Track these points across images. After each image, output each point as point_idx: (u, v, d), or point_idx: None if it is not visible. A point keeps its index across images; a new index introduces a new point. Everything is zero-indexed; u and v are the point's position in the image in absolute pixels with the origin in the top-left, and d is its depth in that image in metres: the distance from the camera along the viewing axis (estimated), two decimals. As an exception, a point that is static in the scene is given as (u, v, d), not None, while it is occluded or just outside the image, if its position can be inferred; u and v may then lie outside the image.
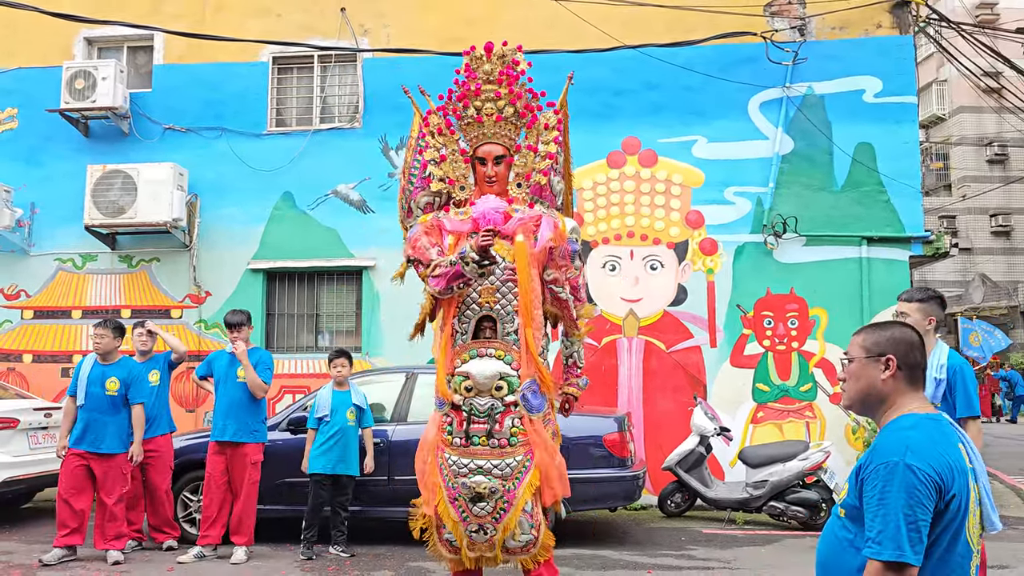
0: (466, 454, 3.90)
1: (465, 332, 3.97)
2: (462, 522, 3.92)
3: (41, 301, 9.93)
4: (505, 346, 3.93)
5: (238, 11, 9.99)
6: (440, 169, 4.19)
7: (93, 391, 6.29)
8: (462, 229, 3.97)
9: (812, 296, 8.93)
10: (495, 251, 3.82)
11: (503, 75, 4.06)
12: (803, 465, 7.60)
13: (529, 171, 4.11)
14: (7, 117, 10.21)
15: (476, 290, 3.93)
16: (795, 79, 9.13)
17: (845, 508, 2.06)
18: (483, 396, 3.88)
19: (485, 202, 3.97)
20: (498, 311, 3.94)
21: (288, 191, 9.70)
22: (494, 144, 4.07)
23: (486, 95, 4.06)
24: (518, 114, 4.10)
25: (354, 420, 6.56)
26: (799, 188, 9.05)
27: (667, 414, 8.87)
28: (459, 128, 4.19)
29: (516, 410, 3.89)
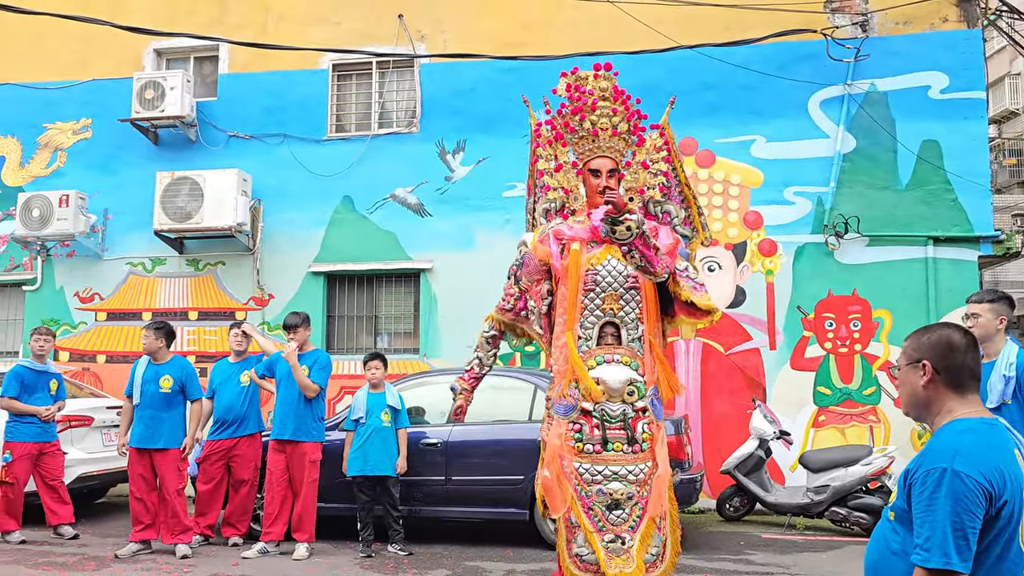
0: (599, 460, 3.88)
1: (589, 338, 3.99)
2: (597, 532, 3.85)
3: (113, 304, 10.32)
4: (631, 352, 3.96)
5: (299, 20, 10.23)
6: (555, 179, 4.35)
7: (148, 389, 6.55)
8: (583, 236, 4.06)
9: (876, 297, 8.73)
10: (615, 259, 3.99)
11: (619, 92, 4.19)
12: (866, 470, 7.44)
13: (641, 187, 4.23)
14: (82, 127, 10.65)
15: (600, 296, 3.98)
16: (857, 76, 8.94)
17: (894, 511, 2.05)
18: (615, 402, 3.88)
19: (602, 212, 3.96)
20: (622, 317, 3.98)
21: (348, 195, 9.89)
22: (607, 158, 4.17)
23: (602, 110, 4.17)
24: (630, 131, 4.22)
25: (389, 421, 6.65)
26: (861, 187, 8.86)
27: (725, 417, 8.77)
28: (570, 141, 4.30)
29: (646, 415, 3.93)
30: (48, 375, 7.21)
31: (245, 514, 6.93)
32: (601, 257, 4.00)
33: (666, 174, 4.27)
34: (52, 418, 7.11)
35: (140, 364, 6.74)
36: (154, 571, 6.03)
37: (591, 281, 3.98)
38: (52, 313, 10.38)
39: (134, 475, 6.57)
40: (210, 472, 6.87)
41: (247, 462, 6.88)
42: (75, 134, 10.67)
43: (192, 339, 9.99)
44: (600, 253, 4.00)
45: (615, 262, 3.95)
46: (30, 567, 6.06)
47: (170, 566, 6.18)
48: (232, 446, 6.87)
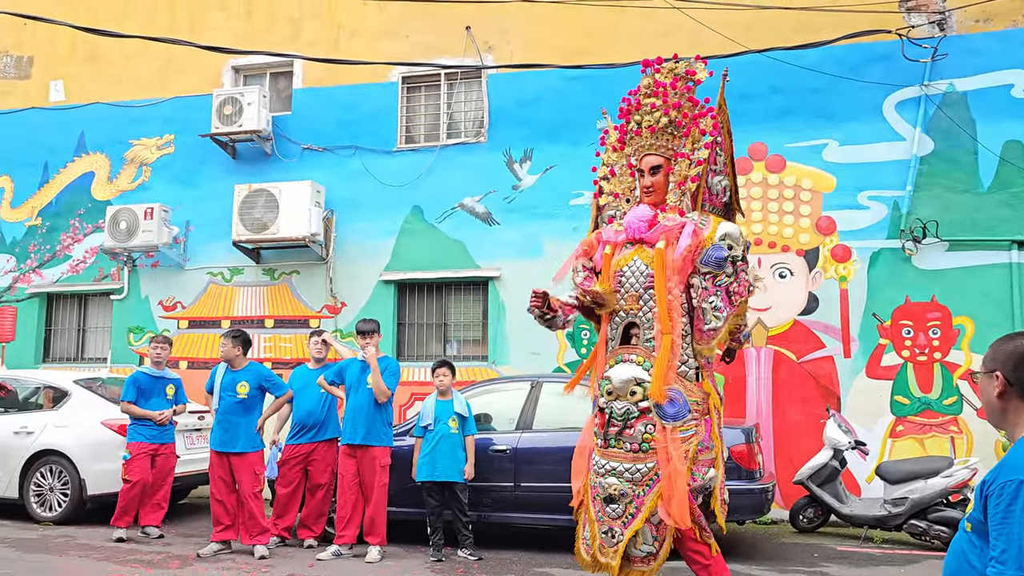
0: (605, 455, 4.01)
1: (614, 338, 4.10)
2: (597, 522, 4.00)
3: (194, 312, 10.72)
4: (645, 352, 3.97)
5: (370, 35, 10.48)
6: (609, 184, 4.41)
7: (226, 396, 6.83)
8: (616, 240, 4.15)
9: (956, 304, 8.45)
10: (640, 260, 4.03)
11: (660, 86, 4.13)
12: (947, 482, 7.20)
13: (681, 180, 4.15)
14: (165, 143, 11.11)
15: (624, 297, 4.05)
16: (934, 76, 8.69)
17: (971, 523, 2.02)
18: (621, 400, 3.94)
19: (634, 212, 4.14)
20: (640, 318, 4.02)
21: (417, 205, 10.07)
22: (651, 155, 4.17)
23: (644, 108, 4.19)
24: (674, 123, 4.13)
25: (457, 428, 6.74)
26: (940, 190, 8.60)
27: (797, 426, 8.60)
28: (629, 143, 4.36)
29: (649, 416, 3.90)
30: (165, 380, 7.58)
31: (321, 517, 7.12)
32: (628, 258, 4.06)
33: (701, 162, 4.10)
34: (166, 421, 7.44)
35: (219, 370, 7.02)
36: (233, 570, 6.25)
37: (617, 283, 4.07)
38: (138, 321, 10.84)
39: (214, 477, 6.84)
40: (289, 476, 7.09)
41: (325, 466, 7.06)
42: (159, 149, 11.13)
43: (268, 346, 10.30)
44: (628, 255, 4.07)
45: (639, 263, 4.00)
46: (118, 563, 6.35)
47: (248, 566, 6.39)
48: (311, 451, 7.07)
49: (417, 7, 9.92)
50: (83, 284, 11.17)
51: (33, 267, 11.34)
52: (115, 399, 8.17)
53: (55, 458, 8.05)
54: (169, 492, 7.62)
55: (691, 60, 4.21)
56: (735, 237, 3.98)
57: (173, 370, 8.16)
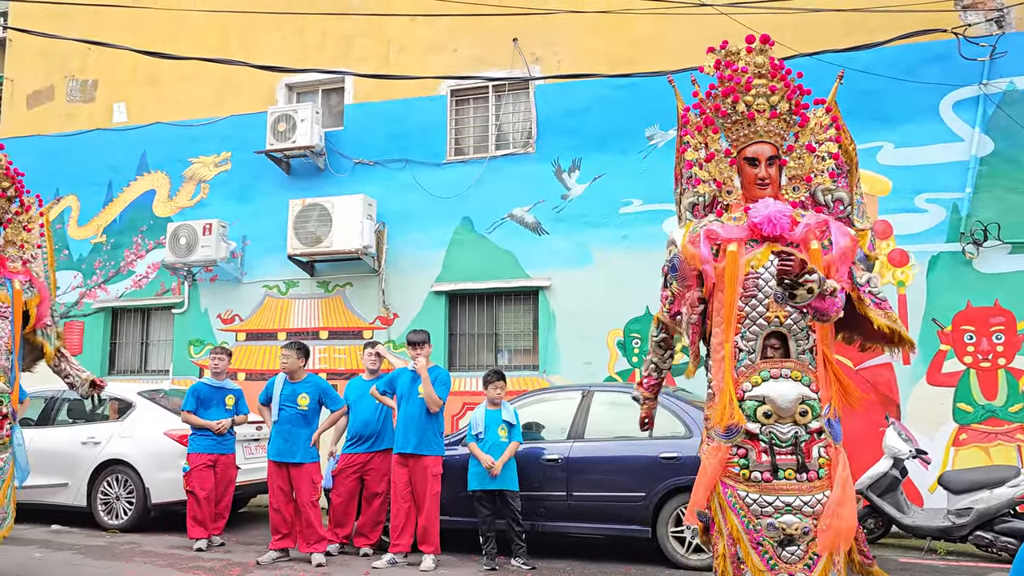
0: (769, 490, 3.40)
1: (752, 351, 3.49)
2: (769, 571, 3.42)
3: (252, 324, 10.97)
4: (800, 366, 3.45)
5: (418, 50, 10.64)
6: (706, 170, 3.79)
7: (286, 407, 6.95)
8: (740, 236, 3.55)
9: (1021, 308, 8.19)
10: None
11: (779, 68, 3.66)
12: (1014, 492, 6.96)
13: (808, 173, 3.64)
14: (222, 160, 11.42)
15: (763, 303, 3.46)
16: (993, 75, 8.48)
17: None
18: (785, 423, 3.40)
19: (766, 206, 3.53)
20: (790, 326, 3.45)
21: (467, 216, 10.16)
22: (765, 143, 3.64)
23: (758, 89, 3.64)
24: (791, 111, 3.68)
25: (506, 437, 6.76)
26: (1001, 192, 8.37)
27: (856, 434, 8.39)
28: (722, 126, 3.77)
29: (822, 438, 3.42)
30: (225, 391, 7.77)
31: (376, 525, 7.21)
32: (763, 258, 3.49)
33: (836, 156, 3.68)
34: (223, 431, 7.62)
35: (278, 381, 7.16)
36: (292, 578, 6.37)
37: (752, 286, 3.47)
38: (198, 334, 11.14)
39: (273, 487, 6.99)
40: (345, 485, 7.19)
41: (381, 476, 7.15)
42: (216, 167, 11.45)
43: (323, 357, 10.49)
44: (761, 254, 3.50)
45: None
46: (181, 570, 6.52)
47: (306, 573, 6.51)
48: (367, 460, 7.17)
49: (464, 21, 10.03)
50: (146, 299, 11.52)
51: (98, 283, 11.75)
52: (177, 410, 8.40)
53: (121, 467, 8.31)
54: (230, 502, 7.80)
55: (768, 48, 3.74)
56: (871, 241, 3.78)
57: (233, 381, 8.36)
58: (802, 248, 3.46)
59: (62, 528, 8.41)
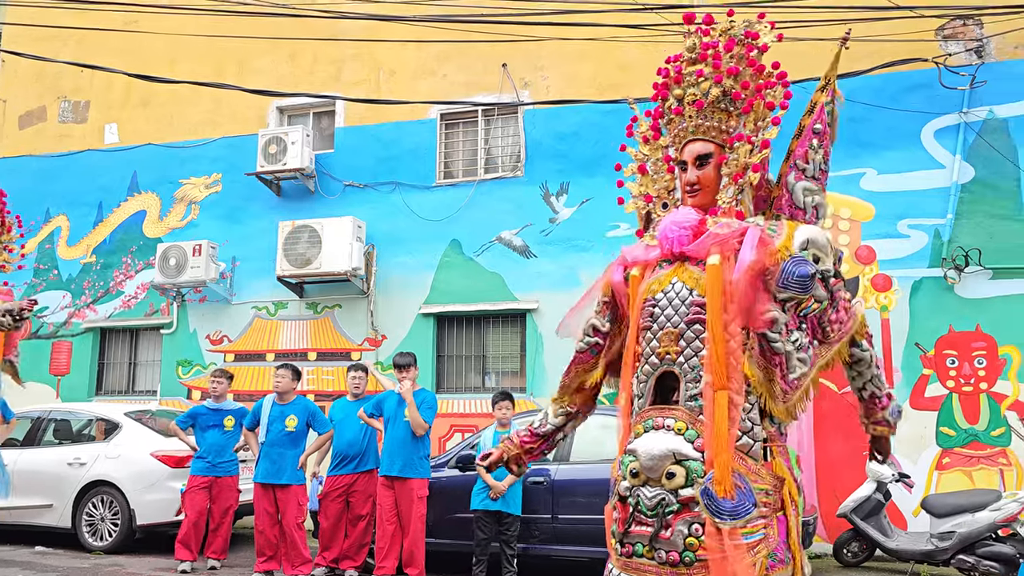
0: (628, 568, 2.67)
1: (642, 395, 2.78)
2: None
3: (240, 345, 10.98)
4: (688, 415, 2.65)
5: (408, 74, 10.76)
6: (637, 184, 3.15)
7: (275, 428, 6.96)
8: (647, 257, 2.87)
9: (1002, 333, 8.29)
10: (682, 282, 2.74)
11: (709, 48, 2.89)
12: (995, 516, 7.03)
13: (740, 170, 2.83)
14: (213, 182, 11.48)
15: (656, 335, 2.74)
16: (973, 103, 8.63)
17: None
18: (653, 486, 2.63)
19: (671, 215, 2.88)
20: (681, 365, 2.69)
21: (456, 239, 10.24)
22: (698, 140, 2.90)
23: (688, 79, 2.93)
24: (730, 96, 2.87)
25: None
26: (982, 218, 8.49)
27: (841, 458, 8.48)
28: (665, 129, 3.11)
29: (695, 511, 2.55)
30: (223, 412, 7.69)
31: (362, 548, 7.20)
32: (664, 282, 2.77)
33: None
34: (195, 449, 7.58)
35: (266, 403, 7.17)
36: (276, 601, 6.35)
37: (647, 316, 2.76)
38: (186, 354, 11.13)
39: (259, 509, 6.98)
40: (331, 507, 7.18)
41: (365, 497, 7.16)
42: (207, 188, 11.50)
43: (311, 379, 10.50)
44: (664, 276, 2.77)
45: (680, 286, 2.72)
46: (165, 593, 6.51)
47: (290, 596, 6.49)
48: (352, 482, 7.18)
49: (454, 46, 10.16)
50: (134, 319, 11.52)
51: (87, 303, 11.75)
52: (164, 431, 8.40)
53: (106, 489, 8.28)
54: (229, 527, 7.67)
55: (752, 20, 2.97)
56: (821, 245, 2.69)
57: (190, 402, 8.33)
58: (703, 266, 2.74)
59: (46, 550, 8.37)
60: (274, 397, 7.18)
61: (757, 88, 2.88)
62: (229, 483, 7.63)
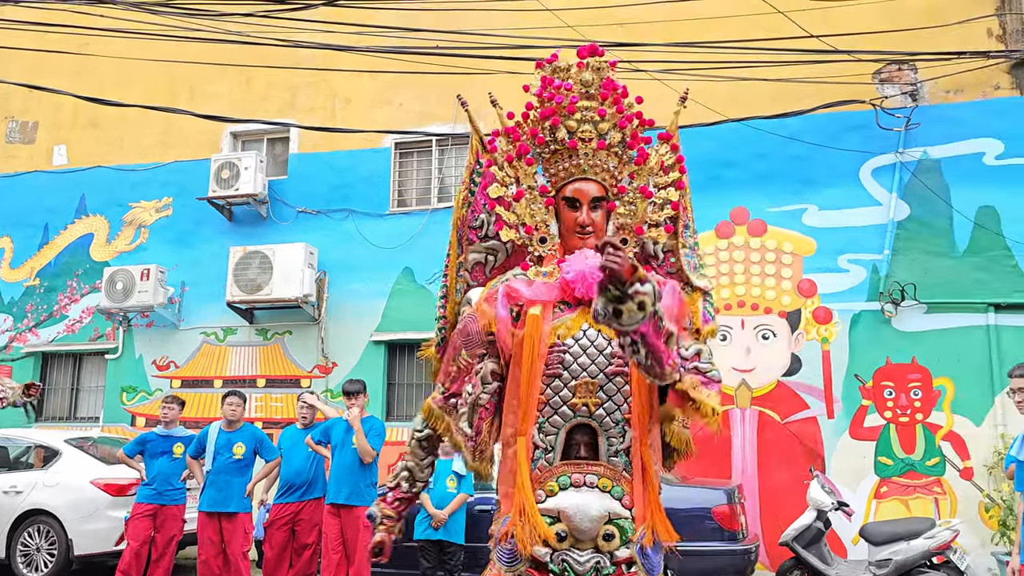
0: None
1: (551, 448, 2.55)
2: None
3: (187, 371, 10.83)
4: (612, 472, 2.51)
5: (364, 103, 10.84)
6: (513, 214, 2.80)
7: (221, 456, 6.88)
8: (548, 297, 2.62)
9: (936, 366, 8.59)
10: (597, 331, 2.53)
11: (612, 89, 2.78)
12: (929, 544, 7.22)
13: (639, 223, 2.76)
14: (164, 206, 11.38)
15: (568, 385, 2.53)
16: (909, 144, 8.99)
17: None
18: (584, 548, 2.46)
19: (583, 259, 2.63)
20: (601, 417, 2.52)
21: (408, 267, 10.28)
22: (591, 181, 2.76)
23: (584, 113, 2.77)
24: (625, 144, 2.79)
25: (455, 487, 6.79)
26: (917, 254, 8.82)
27: (783, 487, 8.65)
28: (539, 158, 2.87)
29: (631, 572, 2.47)
30: (173, 439, 7.48)
31: (305, 577, 7.14)
32: (573, 327, 2.58)
33: (675, 205, 2.80)
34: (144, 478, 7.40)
35: (212, 430, 7.09)
36: (217, 632, 6.25)
37: (556, 363, 2.55)
38: (131, 380, 10.94)
39: (203, 539, 6.86)
40: (278, 536, 7.09)
41: (311, 526, 7.09)
42: (157, 212, 11.39)
43: (260, 405, 10.39)
44: (572, 321, 2.59)
45: (594, 333, 2.55)
46: (102, 626, 6.36)
47: (232, 628, 6.39)
48: (298, 510, 7.10)
49: (409, 76, 10.27)
50: (78, 344, 11.30)
51: (30, 326, 11.49)
52: (106, 458, 8.24)
53: (43, 518, 8.07)
54: (172, 558, 7.45)
55: (606, 65, 2.81)
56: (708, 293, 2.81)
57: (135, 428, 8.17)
58: None
59: (-22, 582, 8.11)
60: (221, 424, 7.11)
61: (645, 140, 2.81)
62: (175, 512, 7.45)
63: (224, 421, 7.09)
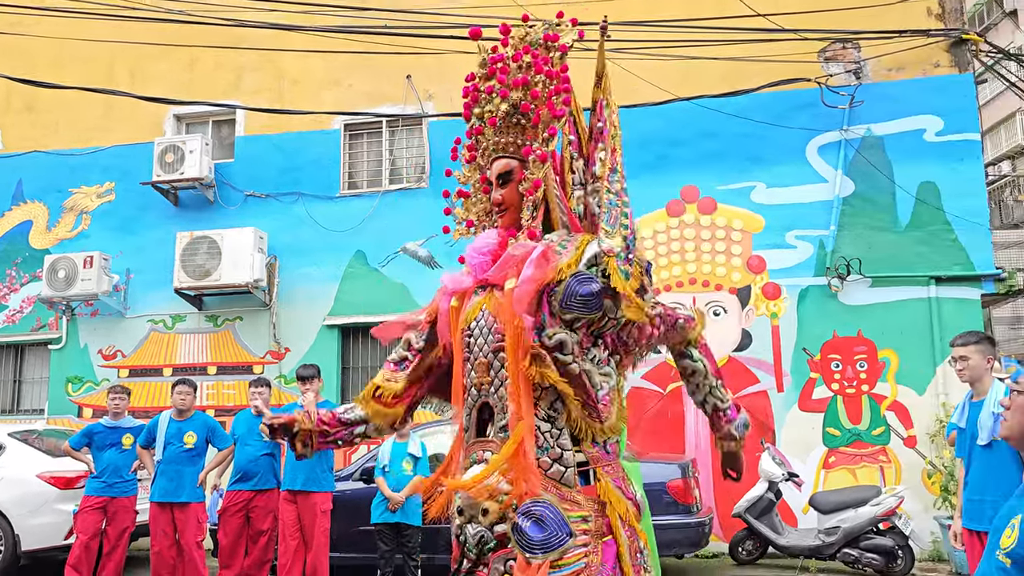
0: None
1: (467, 427, 2.65)
2: None
3: (135, 360, 10.60)
4: (500, 448, 2.51)
5: (312, 84, 10.65)
6: (461, 209, 2.99)
7: (172, 446, 6.75)
8: (464, 286, 2.73)
9: (880, 338, 8.82)
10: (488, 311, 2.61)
11: (497, 62, 2.77)
12: (875, 511, 7.46)
13: (531, 187, 2.72)
14: (106, 191, 11.06)
15: (473, 366, 2.61)
16: (853, 122, 9.17)
17: (1012, 558, 2.01)
18: (475, 522, 2.50)
19: (473, 243, 2.81)
20: (491, 395, 2.57)
21: (360, 250, 10.18)
22: (500, 158, 2.79)
23: (483, 97, 2.82)
24: (519, 109, 2.74)
25: (411, 470, 6.79)
26: (862, 229, 9.02)
27: (736, 460, 8.81)
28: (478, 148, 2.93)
29: (509, 547, 2.44)
30: (121, 430, 7.26)
31: (263, 565, 7.05)
32: (474, 311, 2.64)
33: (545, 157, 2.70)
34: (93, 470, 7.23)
35: (162, 420, 6.95)
36: (173, 623, 6.17)
37: (464, 346, 2.65)
38: (76, 371, 10.67)
39: (156, 530, 6.74)
40: (231, 524, 7.00)
41: (265, 513, 7.02)
42: (99, 197, 11.08)
43: (211, 393, 10.23)
44: (475, 305, 2.65)
45: (486, 313, 2.61)
46: (53, 621, 6.22)
47: (188, 618, 6.31)
48: (251, 497, 7.01)
49: (358, 57, 10.12)
50: (20, 334, 10.97)
51: (-33, 318, 11.12)
52: (52, 451, 8.03)
53: (-12, 514, 7.85)
54: (124, 550, 7.26)
55: (553, 21, 2.79)
56: (616, 254, 2.51)
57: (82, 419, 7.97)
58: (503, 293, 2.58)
59: (-80, 581, 7.87)
60: (171, 413, 6.97)
61: (548, 95, 2.72)
62: (126, 504, 7.27)
63: (174, 410, 6.95)
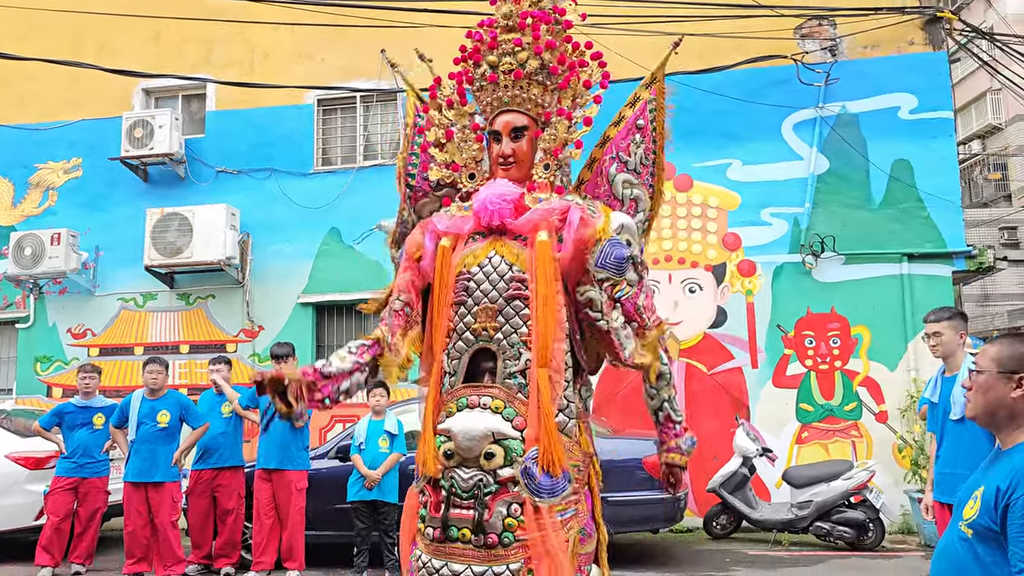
0: (440, 553, 2.54)
1: (454, 372, 2.66)
2: None
3: (105, 339, 10.44)
4: (507, 394, 2.57)
5: (284, 58, 10.47)
6: (444, 152, 2.93)
7: (145, 425, 6.66)
8: (460, 229, 2.75)
9: (853, 315, 8.91)
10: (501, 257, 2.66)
11: (528, 16, 2.83)
12: (847, 485, 7.57)
13: (559, 145, 2.81)
14: (73, 167, 10.83)
15: (472, 311, 2.65)
16: (828, 99, 9.19)
17: (973, 528, 2.03)
18: (469, 467, 2.53)
19: (491, 187, 2.75)
20: (499, 342, 2.61)
21: (335, 227, 10.07)
22: (512, 112, 2.82)
23: (504, 46, 2.83)
24: (548, 69, 2.82)
25: (387, 448, 6.76)
26: (836, 207, 9.08)
27: (710, 436, 8.85)
28: (473, 96, 2.96)
29: (515, 491, 2.50)
30: (92, 410, 7.18)
31: (234, 544, 7.01)
32: (480, 255, 2.70)
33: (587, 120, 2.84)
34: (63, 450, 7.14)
35: (135, 399, 6.85)
36: (147, 603, 6.12)
37: (461, 290, 2.67)
38: (45, 350, 10.50)
39: (130, 510, 6.66)
40: (198, 503, 6.96)
41: (231, 492, 6.95)
42: (66, 173, 10.85)
43: (184, 372, 10.11)
44: (481, 249, 2.70)
45: (498, 260, 2.66)
46: (24, 602, 6.15)
47: (163, 597, 6.27)
48: (215, 476, 6.94)
49: (331, 30, 9.95)
50: (-14, 313, 10.76)
51: (-69, 296, 10.88)
52: (21, 431, 7.90)
53: (-45, 495, 7.71)
54: (96, 531, 7.22)
55: None
56: (633, 232, 2.76)
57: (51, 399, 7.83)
58: (529, 242, 2.65)
59: None
60: (144, 392, 6.87)
61: (572, 65, 2.86)
62: (98, 484, 7.19)
63: (146, 389, 6.86)
